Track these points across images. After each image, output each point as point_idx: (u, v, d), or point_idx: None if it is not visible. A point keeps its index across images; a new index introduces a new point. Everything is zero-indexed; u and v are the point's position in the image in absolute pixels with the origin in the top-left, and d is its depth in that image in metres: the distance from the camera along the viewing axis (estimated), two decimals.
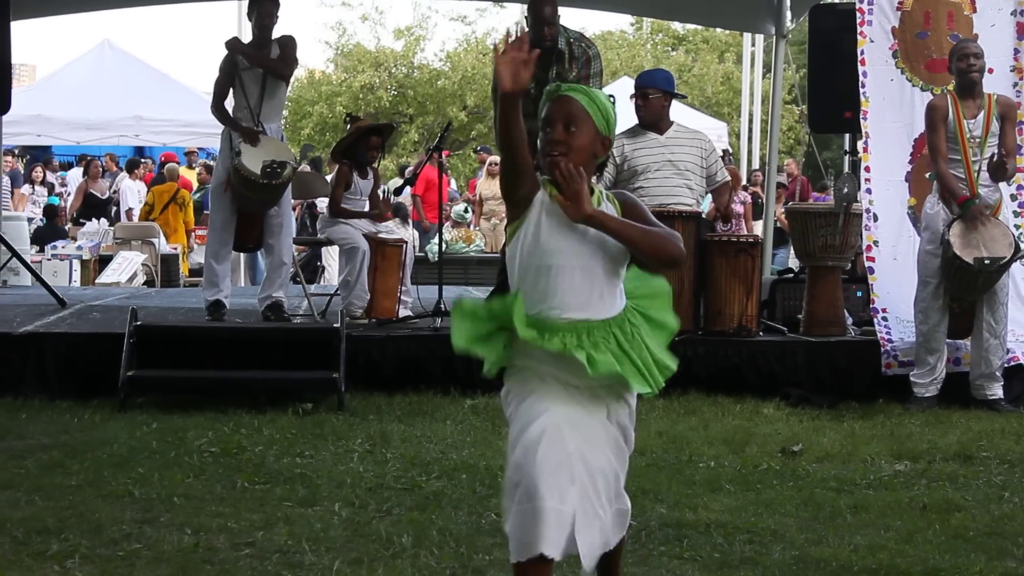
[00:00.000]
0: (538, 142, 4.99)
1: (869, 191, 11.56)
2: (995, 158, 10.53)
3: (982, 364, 10.93)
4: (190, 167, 25.92)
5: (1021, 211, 11.46)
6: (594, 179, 4.95)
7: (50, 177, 27.40)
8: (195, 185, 24.41)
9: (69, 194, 26.54)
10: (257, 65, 11.82)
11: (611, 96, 5.02)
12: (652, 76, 12.99)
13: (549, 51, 11.77)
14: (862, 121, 11.64)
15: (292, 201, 13.17)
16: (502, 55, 4.63)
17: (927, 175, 11.27)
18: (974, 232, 10.53)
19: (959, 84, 10.72)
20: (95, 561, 6.28)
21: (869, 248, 11.54)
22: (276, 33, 12.20)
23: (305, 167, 15.66)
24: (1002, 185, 10.89)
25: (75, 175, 26.56)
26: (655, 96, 11.67)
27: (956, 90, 10.75)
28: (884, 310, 11.37)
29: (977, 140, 10.69)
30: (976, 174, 10.66)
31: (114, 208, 25.26)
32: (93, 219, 23.57)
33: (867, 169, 11.62)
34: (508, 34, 4.74)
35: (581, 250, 4.89)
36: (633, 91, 12.13)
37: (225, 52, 12.13)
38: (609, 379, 4.80)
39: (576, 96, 4.94)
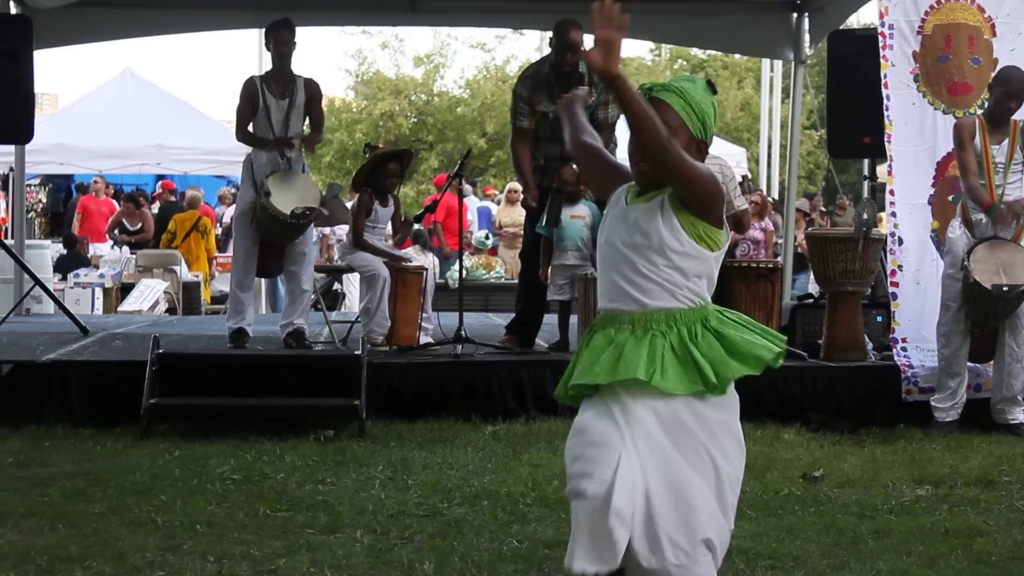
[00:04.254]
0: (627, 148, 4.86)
1: (894, 215, 11.56)
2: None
3: (1003, 388, 10.91)
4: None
5: None
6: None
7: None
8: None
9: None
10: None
11: (709, 81, 4.92)
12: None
13: (570, 75, 11.80)
14: (886, 144, 11.62)
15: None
16: (594, 39, 4.44)
17: (950, 198, 11.30)
18: (995, 257, 10.54)
19: (990, 112, 10.71)
20: None
21: (893, 273, 11.53)
22: (295, 63, 12.30)
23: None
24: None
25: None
26: None
27: (985, 115, 10.75)
28: (904, 339, 11.37)
29: (1001, 166, 10.69)
30: (999, 197, 10.67)
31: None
32: (116, 247, 23.64)
33: (891, 192, 11.62)
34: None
35: (625, 240, 4.82)
36: None
37: (245, 80, 12.22)
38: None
39: (669, 100, 4.77)
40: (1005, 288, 10.47)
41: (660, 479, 4.58)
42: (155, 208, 25.45)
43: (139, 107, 27.10)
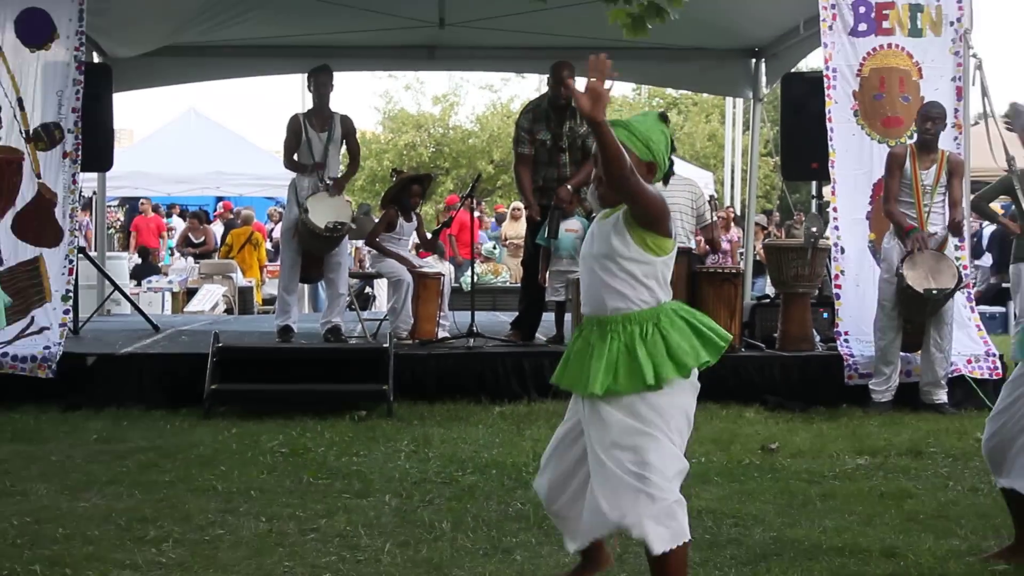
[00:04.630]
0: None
1: (837, 228, 11.54)
2: (954, 219, 10.72)
3: (929, 374, 10.94)
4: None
5: (961, 245, 11.46)
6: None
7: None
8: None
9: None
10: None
11: (663, 113, 4.98)
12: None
13: (563, 107, 11.82)
14: (831, 169, 11.60)
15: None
16: (584, 88, 4.55)
17: (884, 214, 11.30)
18: (924, 265, 10.56)
19: (919, 140, 10.73)
20: (185, 545, 6.31)
21: (837, 277, 11.51)
22: (333, 102, 12.34)
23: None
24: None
25: (177, 223, 26.64)
26: None
27: (916, 144, 10.77)
28: (847, 332, 11.36)
29: (928, 188, 10.72)
30: (926, 215, 10.69)
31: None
32: (183, 257, 23.69)
33: (835, 209, 11.60)
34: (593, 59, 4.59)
35: (596, 252, 4.94)
36: None
37: (291, 117, 12.26)
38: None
39: (616, 132, 4.74)
40: (934, 291, 10.52)
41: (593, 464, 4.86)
42: (216, 225, 25.48)
43: (201, 140, 27.12)
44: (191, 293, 20.91)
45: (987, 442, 6.09)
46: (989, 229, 16.57)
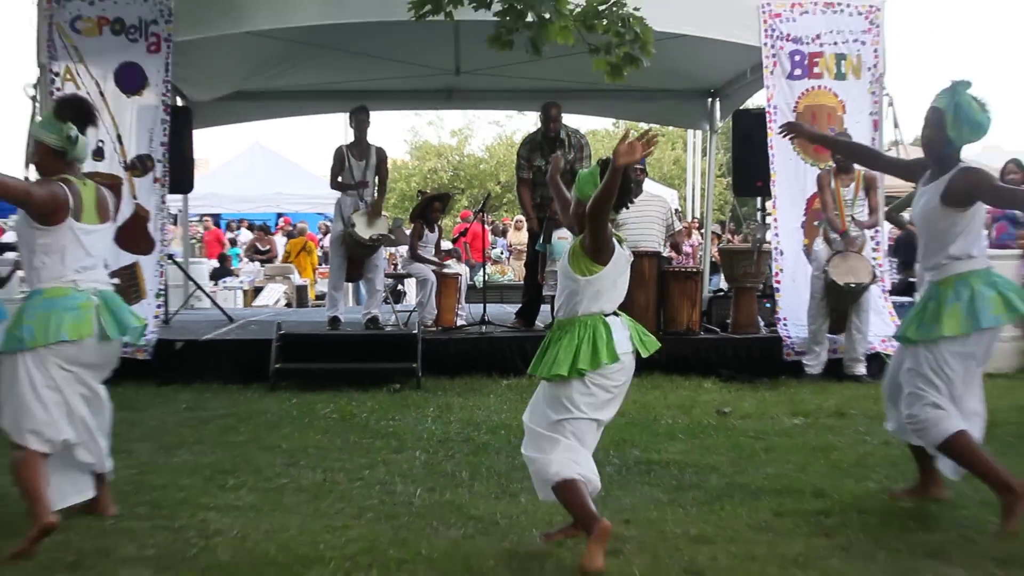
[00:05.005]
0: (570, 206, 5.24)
1: (776, 235, 11.55)
2: (874, 222, 10.95)
3: (851, 351, 11.02)
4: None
5: (877, 248, 11.52)
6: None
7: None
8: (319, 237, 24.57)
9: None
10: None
11: (641, 172, 5.19)
12: None
13: (554, 139, 11.90)
14: (772, 187, 11.65)
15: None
16: (629, 145, 4.76)
17: (815, 223, 11.34)
18: (846, 265, 10.65)
19: (838, 164, 10.78)
20: (257, 491, 6.39)
21: (777, 274, 11.55)
22: (370, 135, 12.43)
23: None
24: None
25: (246, 234, 26.67)
26: None
27: (837, 167, 10.80)
28: (785, 318, 11.40)
29: (848, 201, 10.80)
30: (849, 222, 10.77)
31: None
32: (251, 262, 23.75)
33: (775, 220, 11.62)
34: (643, 134, 4.88)
35: (561, 269, 5.18)
36: None
37: (336, 148, 12.36)
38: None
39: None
40: (853, 285, 10.62)
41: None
42: (278, 236, 25.54)
43: (264, 167, 27.18)
44: (258, 291, 21.02)
45: (885, 391, 6.18)
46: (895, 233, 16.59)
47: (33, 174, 5.82)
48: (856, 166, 10.70)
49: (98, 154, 11.13)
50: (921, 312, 5.76)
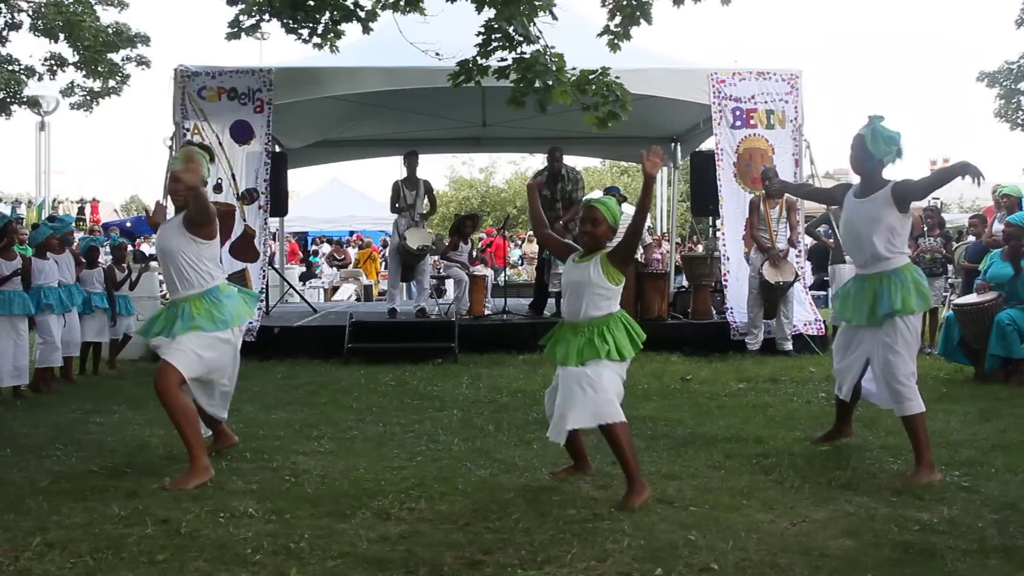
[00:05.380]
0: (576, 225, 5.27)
1: (724, 245, 11.47)
2: (793, 238, 10.96)
3: (780, 332, 10.94)
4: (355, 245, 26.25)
5: (800, 255, 11.42)
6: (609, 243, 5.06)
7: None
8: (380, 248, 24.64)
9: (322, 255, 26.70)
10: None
11: (617, 195, 5.10)
12: (612, 190, 13.24)
13: (556, 175, 11.85)
14: (720, 209, 11.61)
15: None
16: (652, 160, 4.77)
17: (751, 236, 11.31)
18: (775, 268, 10.57)
19: (768, 192, 10.68)
20: (335, 440, 6.35)
21: (725, 275, 11.42)
22: (419, 171, 12.40)
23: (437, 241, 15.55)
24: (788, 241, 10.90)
25: (326, 247, 26.74)
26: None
27: (767, 194, 10.72)
28: (731, 308, 11.29)
29: (775, 219, 10.72)
30: (776, 236, 10.70)
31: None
32: (330, 267, 23.78)
33: (723, 234, 11.55)
34: (652, 150, 4.83)
35: (575, 281, 4.98)
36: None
37: (393, 182, 12.31)
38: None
39: (599, 207, 5.01)
40: (781, 283, 10.57)
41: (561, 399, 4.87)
42: (351, 248, 25.56)
43: (340, 196, 27.28)
44: (335, 289, 21.08)
45: (836, 367, 5.96)
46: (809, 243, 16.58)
47: (170, 202, 5.80)
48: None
49: (217, 188, 11.18)
50: (872, 299, 5.44)
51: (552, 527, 4.30)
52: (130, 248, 15.58)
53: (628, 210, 6.82)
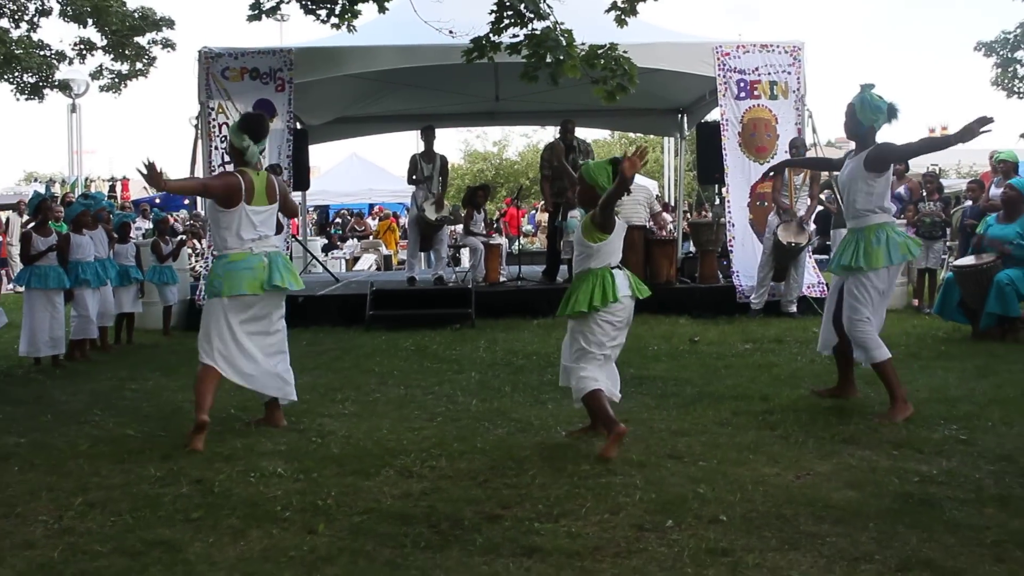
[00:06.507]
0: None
1: (730, 212, 11.42)
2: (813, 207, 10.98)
3: (787, 294, 10.92)
4: (371, 215, 26.22)
5: (809, 220, 11.36)
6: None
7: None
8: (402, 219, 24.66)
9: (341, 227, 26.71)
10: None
11: (615, 158, 5.04)
12: (616, 160, 13.07)
13: (568, 146, 11.79)
14: (726, 178, 11.54)
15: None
16: (631, 162, 4.81)
17: (758, 203, 11.24)
18: (789, 229, 10.52)
19: (791, 156, 10.60)
20: (358, 403, 6.37)
21: (731, 240, 11.38)
22: (435, 145, 12.34)
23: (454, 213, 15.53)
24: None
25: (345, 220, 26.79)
26: None
27: (792, 159, 10.68)
28: (737, 272, 11.27)
29: (797, 186, 10.65)
30: (796, 202, 10.64)
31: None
32: (351, 238, 23.79)
33: (729, 201, 11.51)
34: (637, 148, 4.93)
35: (577, 238, 5.08)
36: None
37: (411, 156, 12.27)
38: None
39: (583, 169, 5.10)
40: (794, 244, 10.52)
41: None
42: (371, 219, 25.56)
43: (360, 170, 27.20)
44: (356, 259, 21.09)
45: (822, 334, 6.14)
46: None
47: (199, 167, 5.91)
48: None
49: None
50: (853, 249, 5.68)
51: (567, 482, 4.32)
52: None
53: (641, 181, 6.81)
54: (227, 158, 10.29)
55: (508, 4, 8.45)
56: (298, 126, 13.61)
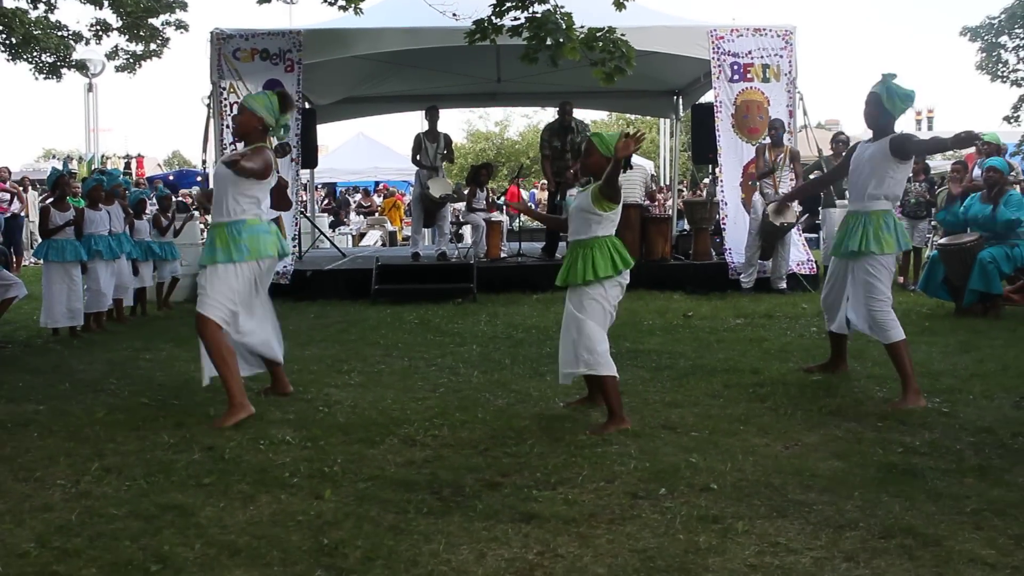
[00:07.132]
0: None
1: (722, 191, 11.40)
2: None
3: (776, 271, 10.86)
4: (376, 193, 26.12)
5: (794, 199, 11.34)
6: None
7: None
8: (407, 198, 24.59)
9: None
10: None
11: (625, 133, 4.94)
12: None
13: (567, 127, 11.74)
14: (719, 158, 11.51)
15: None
16: (625, 142, 4.69)
17: (750, 183, 11.19)
18: (779, 210, 10.47)
19: (772, 140, 10.58)
20: (364, 374, 6.36)
21: (723, 218, 11.37)
22: (439, 125, 12.23)
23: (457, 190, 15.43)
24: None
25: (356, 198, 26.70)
26: None
27: (771, 143, 10.62)
28: (729, 249, 11.23)
29: (779, 166, 10.59)
30: (779, 183, 10.58)
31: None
32: (358, 215, 23.73)
33: (722, 181, 11.48)
34: (634, 132, 4.80)
35: (577, 207, 4.97)
36: None
37: (416, 135, 12.19)
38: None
39: (593, 140, 4.95)
40: (784, 224, 10.46)
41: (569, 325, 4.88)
42: (376, 196, 25.49)
43: (366, 149, 27.06)
44: (362, 235, 21.03)
45: (823, 301, 6.00)
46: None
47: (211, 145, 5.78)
48: (784, 141, 10.61)
49: None
50: (862, 233, 5.42)
51: (565, 452, 4.32)
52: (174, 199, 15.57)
53: (638, 161, 6.80)
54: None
55: None
56: (307, 106, 13.55)
